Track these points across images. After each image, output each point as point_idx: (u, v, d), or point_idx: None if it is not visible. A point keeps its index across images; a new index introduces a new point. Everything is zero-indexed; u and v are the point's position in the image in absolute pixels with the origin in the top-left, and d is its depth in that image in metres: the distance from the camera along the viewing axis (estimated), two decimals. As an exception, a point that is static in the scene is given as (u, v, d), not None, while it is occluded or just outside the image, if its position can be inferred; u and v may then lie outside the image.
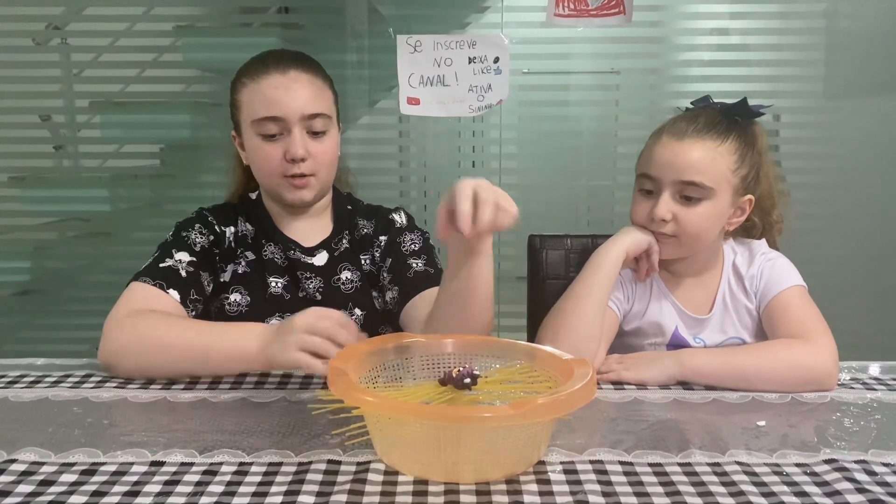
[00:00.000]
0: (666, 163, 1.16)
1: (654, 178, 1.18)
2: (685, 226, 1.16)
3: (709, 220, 1.17)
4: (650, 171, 1.18)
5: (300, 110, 1.18)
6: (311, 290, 1.26)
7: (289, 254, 1.27)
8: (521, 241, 1.58)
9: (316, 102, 1.20)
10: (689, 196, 1.15)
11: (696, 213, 1.15)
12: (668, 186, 1.16)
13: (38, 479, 0.77)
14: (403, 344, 0.94)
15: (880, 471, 0.79)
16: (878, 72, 2.49)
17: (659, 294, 1.26)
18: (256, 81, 1.20)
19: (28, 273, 2.68)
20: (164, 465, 0.80)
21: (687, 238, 1.17)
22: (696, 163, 1.14)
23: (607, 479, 0.77)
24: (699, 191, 1.14)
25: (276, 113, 1.18)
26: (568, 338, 1.11)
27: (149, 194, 2.79)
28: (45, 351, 1.16)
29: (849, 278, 2.41)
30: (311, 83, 1.21)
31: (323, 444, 0.85)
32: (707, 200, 1.15)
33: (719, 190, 1.15)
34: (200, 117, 2.70)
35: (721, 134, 1.16)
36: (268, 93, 1.19)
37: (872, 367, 1.16)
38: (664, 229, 1.17)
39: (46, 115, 2.68)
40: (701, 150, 1.14)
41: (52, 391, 1.03)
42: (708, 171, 1.14)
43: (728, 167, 1.15)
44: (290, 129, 1.19)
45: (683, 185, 1.15)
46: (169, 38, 2.62)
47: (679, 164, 1.15)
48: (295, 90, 1.19)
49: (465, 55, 2.09)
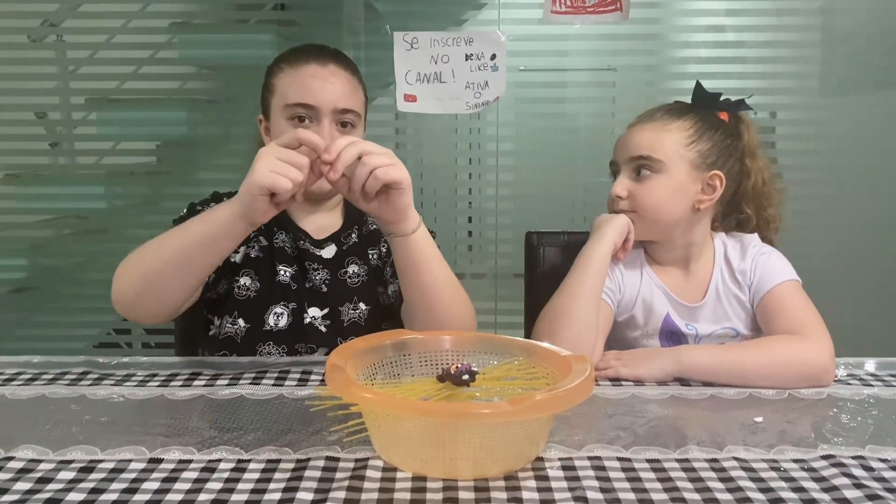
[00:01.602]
0: (622, 145, 1.25)
1: (615, 163, 1.27)
2: (639, 200, 1.22)
3: (664, 194, 1.21)
4: (614, 156, 1.28)
5: (333, 102, 1.21)
6: (317, 282, 1.27)
7: (298, 244, 1.28)
8: (519, 238, 1.58)
9: (349, 98, 1.23)
10: (640, 170, 1.22)
11: (649, 186, 1.21)
12: (623, 166, 1.24)
13: (36, 476, 0.76)
14: (401, 341, 0.94)
15: (877, 466, 0.80)
16: (873, 69, 2.49)
17: (650, 283, 1.27)
18: (295, 68, 1.23)
19: (24, 270, 2.68)
20: (162, 462, 0.80)
21: (645, 213, 1.22)
22: (644, 139, 1.22)
23: (605, 475, 0.77)
24: (649, 164, 1.21)
25: (309, 101, 1.20)
26: (565, 333, 1.12)
27: (145, 191, 2.79)
28: (42, 348, 1.16)
29: (844, 274, 2.42)
30: (347, 80, 1.24)
31: (321, 441, 0.85)
32: (659, 174, 1.21)
33: (671, 164, 1.20)
34: (197, 114, 2.70)
35: (673, 115, 1.24)
36: (305, 80, 1.21)
37: (869, 364, 1.16)
38: (621, 206, 1.24)
39: (42, 113, 2.68)
40: (650, 130, 1.23)
41: (50, 388, 1.03)
42: (655, 145, 1.21)
43: (678, 142, 1.21)
44: (321, 120, 1.21)
45: (634, 161, 1.23)
46: (165, 35, 2.62)
47: (630, 143, 1.23)
48: (332, 83, 1.22)
49: (462, 52, 2.09)
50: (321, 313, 1.26)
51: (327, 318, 1.26)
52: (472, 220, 2.72)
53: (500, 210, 2.62)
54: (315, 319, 1.25)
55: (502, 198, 2.62)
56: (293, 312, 1.25)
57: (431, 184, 2.77)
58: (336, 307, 1.26)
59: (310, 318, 1.25)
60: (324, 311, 1.26)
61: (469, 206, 2.84)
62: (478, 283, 2.64)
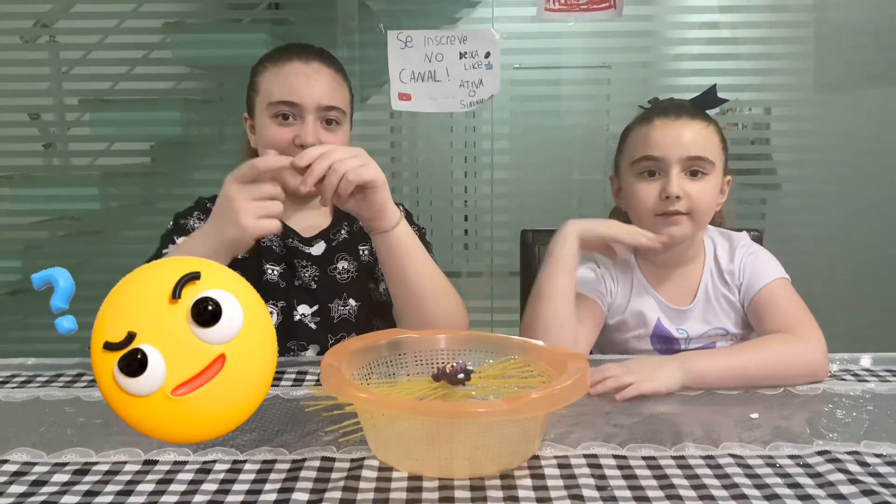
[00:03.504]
0: (671, 141, 1.18)
1: (658, 159, 1.18)
2: (697, 201, 1.18)
3: (712, 195, 1.20)
4: (653, 153, 1.18)
5: (317, 100, 1.20)
6: (306, 279, 1.26)
7: (287, 242, 1.28)
8: (514, 236, 1.58)
9: (333, 96, 1.23)
10: (696, 171, 1.18)
11: (704, 187, 1.18)
12: (675, 164, 1.17)
13: (31, 479, 0.76)
14: (396, 340, 0.94)
15: (873, 462, 0.80)
16: (867, 65, 2.50)
17: (640, 287, 1.27)
18: (279, 66, 1.23)
19: (19, 272, 2.67)
20: (157, 463, 0.79)
21: (698, 214, 1.19)
22: (698, 138, 1.18)
23: (601, 472, 0.77)
24: (704, 165, 1.18)
25: (293, 98, 1.20)
26: (542, 334, 1.11)
27: (139, 192, 2.79)
28: (37, 350, 1.16)
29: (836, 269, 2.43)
30: (331, 77, 1.24)
31: (316, 442, 0.84)
32: (710, 175, 1.19)
33: (717, 165, 1.20)
34: (190, 114, 2.70)
35: (705, 116, 1.22)
36: (288, 78, 1.21)
37: (864, 359, 1.16)
38: (678, 206, 1.17)
39: (35, 114, 2.67)
40: (699, 128, 1.19)
41: (44, 391, 1.02)
42: (707, 146, 1.19)
43: (717, 145, 1.21)
44: (304, 117, 1.20)
45: (690, 161, 1.17)
46: (158, 35, 2.61)
47: (684, 141, 1.18)
48: (316, 80, 1.22)
49: (456, 50, 2.09)
50: (311, 310, 1.26)
51: (317, 314, 1.26)
52: (468, 218, 2.72)
53: (496, 208, 2.62)
54: (305, 317, 1.25)
55: (497, 196, 2.63)
56: (282, 310, 1.24)
57: (426, 182, 2.77)
58: (326, 304, 1.26)
59: (299, 316, 1.25)
60: (313, 308, 1.26)
61: (464, 204, 2.84)
62: (474, 282, 2.64)
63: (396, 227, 1.08)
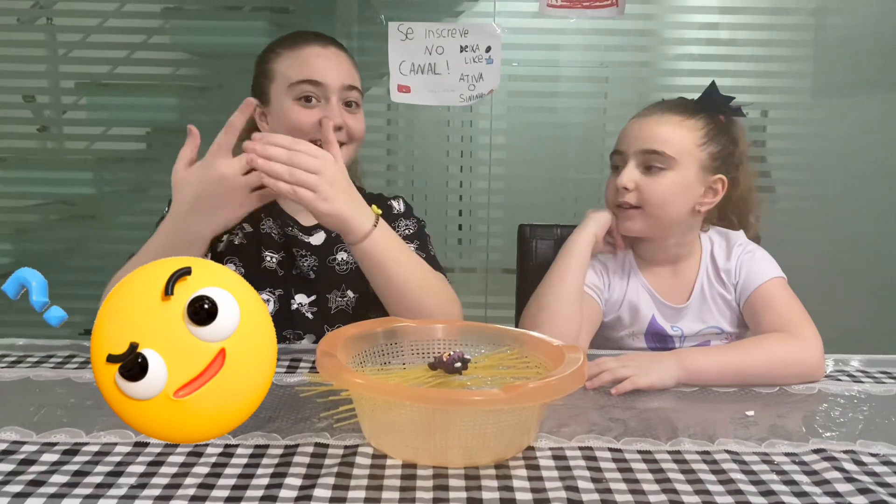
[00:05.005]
0: (632, 136, 1.21)
1: (620, 153, 1.22)
2: (648, 195, 1.18)
3: (673, 192, 1.18)
4: (618, 147, 1.22)
5: (341, 80, 1.21)
6: (304, 268, 1.25)
7: (286, 230, 1.27)
8: (509, 232, 1.58)
9: (353, 76, 1.24)
10: (652, 165, 1.18)
11: (659, 182, 1.18)
12: (632, 157, 1.20)
13: (19, 458, 0.75)
14: (393, 328, 0.93)
15: (868, 461, 0.80)
16: (865, 70, 2.50)
17: (636, 284, 1.26)
18: (296, 50, 1.23)
19: (11, 256, 2.64)
20: (147, 445, 0.78)
21: (651, 209, 1.19)
22: (659, 133, 1.18)
23: (596, 465, 0.77)
24: (661, 160, 1.17)
25: (317, 77, 1.19)
26: (547, 324, 1.12)
27: (134, 178, 2.76)
28: (28, 334, 1.14)
29: (833, 273, 2.43)
30: (348, 60, 1.26)
31: (310, 428, 0.84)
32: (670, 171, 1.18)
33: (683, 162, 1.18)
34: (188, 101, 2.68)
35: (687, 112, 1.21)
36: (310, 59, 1.21)
37: (857, 361, 1.16)
38: (627, 198, 1.19)
39: (30, 96, 2.64)
40: (665, 124, 1.19)
41: (35, 371, 1.01)
42: (670, 140, 1.18)
43: (693, 141, 1.19)
44: (329, 98, 1.20)
45: (646, 155, 1.18)
46: (157, 20, 2.59)
47: (642, 135, 1.19)
48: (336, 62, 1.22)
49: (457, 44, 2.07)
50: (308, 300, 1.25)
51: (314, 304, 1.25)
52: (463, 213, 2.71)
53: (492, 204, 2.61)
54: (302, 306, 1.24)
55: (494, 192, 2.62)
56: (279, 299, 1.23)
57: (422, 176, 2.75)
58: (323, 294, 1.25)
59: (296, 305, 1.24)
60: (311, 297, 1.25)
61: (460, 199, 2.83)
62: (468, 278, 2.64)
63: (367, 238, 1.04)
